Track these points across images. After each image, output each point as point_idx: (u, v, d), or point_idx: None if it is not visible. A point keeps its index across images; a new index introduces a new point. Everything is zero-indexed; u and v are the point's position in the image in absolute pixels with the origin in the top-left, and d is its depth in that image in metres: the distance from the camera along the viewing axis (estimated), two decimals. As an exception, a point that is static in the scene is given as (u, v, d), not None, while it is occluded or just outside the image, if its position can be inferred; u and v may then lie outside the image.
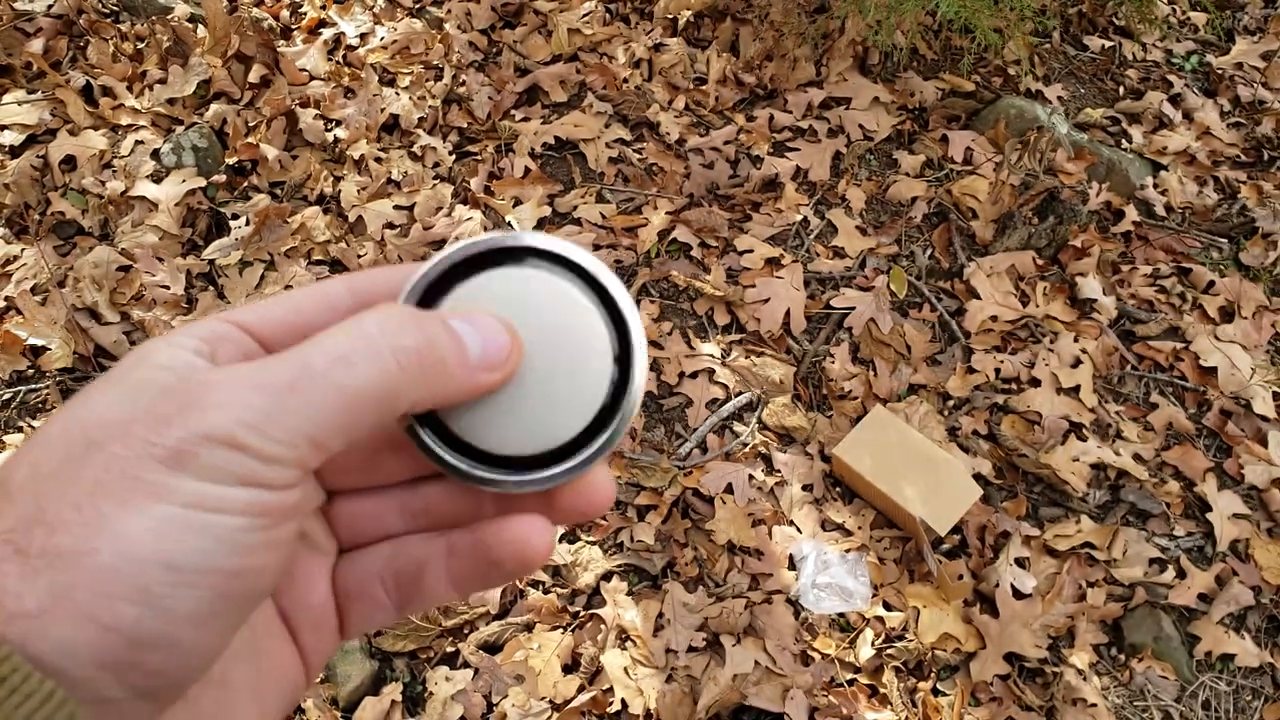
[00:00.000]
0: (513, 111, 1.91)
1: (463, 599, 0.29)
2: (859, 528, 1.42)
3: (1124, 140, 1.96)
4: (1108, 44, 2.14)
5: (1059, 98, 2.01)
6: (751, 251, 1.70)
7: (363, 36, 2.00)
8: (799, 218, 1.77)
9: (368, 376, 0.23)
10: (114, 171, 1.72)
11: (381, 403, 0.23)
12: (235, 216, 1.69)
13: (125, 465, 0.21)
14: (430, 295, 0.28)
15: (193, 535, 0.21)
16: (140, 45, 1.90)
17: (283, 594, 0.28)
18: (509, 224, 1.74)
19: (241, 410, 0.22)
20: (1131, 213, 1.82)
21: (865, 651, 1.31)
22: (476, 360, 0.26)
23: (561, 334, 0.28)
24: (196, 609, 0.21)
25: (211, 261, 1.65)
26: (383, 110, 1.85)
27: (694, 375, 1.56)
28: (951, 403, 1.56)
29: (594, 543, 1.39)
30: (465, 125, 1.88)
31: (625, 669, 1.27)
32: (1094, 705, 1.28)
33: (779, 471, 1.47)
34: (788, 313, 1.63)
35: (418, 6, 2.07)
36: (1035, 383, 1.57)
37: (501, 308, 0.27)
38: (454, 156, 1.83)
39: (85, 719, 0.20)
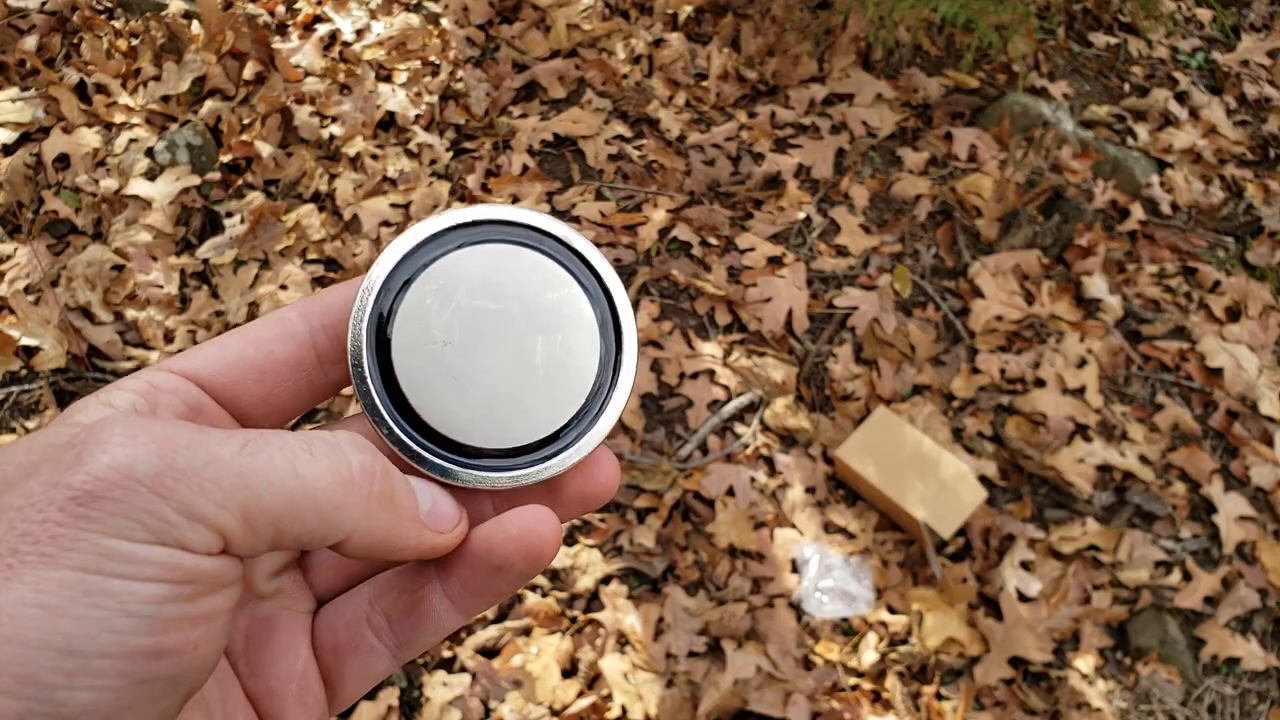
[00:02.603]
0: (510, 108, 1.89)
1: (467, 620, 0.26)
2: (862, 530, 1.40)
3: (1129, 138, 1.94)
4: (1113, 41, 2.12)
5: (1064, 95, 1.99)
6: (753, 250, 1.68)
7: (359, 32, 1.98)
8: (801, 215, 1.75)
9: (324, 472, 0.21)
10: (108, 170, 1.70)
11: (326, 510, 0.21)
12: (230, 215, 1.67)
13: (17, 518, 0.18)
14: (401, 274, 0.25)
15: (97, 609, 0.17)
16: (134, 42, 1.88)
17: (254, 674, 0.24)
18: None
19: (179, 453, 0.19)
20: (1137, 211, 1.80)
21: (868, 656, 1.29)
22: (424, 515, 0.24)
23: (545, 313, 0.25)
24: (101, 701, 0.17)
25: (206, 260, 1.63)
26: (379, 107, 1.83)
27: (694, 376, 1.55)
28: (956, 403, 1.55)
29: (593, 546, 1.37)
30: (462, 122, 1.86)
31: (625, 674, 1.25)
32: (1099, 709, 1.27)
33: (781, 473, 1.45)
34: (790, 312, 1.61)
35: (414, 2, 2.05)
36: (1040, 383, 1.56)
37: (476, 287, 0.25)
38: (451, 153, 1.81)
39: None
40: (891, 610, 1.34)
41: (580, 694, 1.24)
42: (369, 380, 0.25)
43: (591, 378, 0.26)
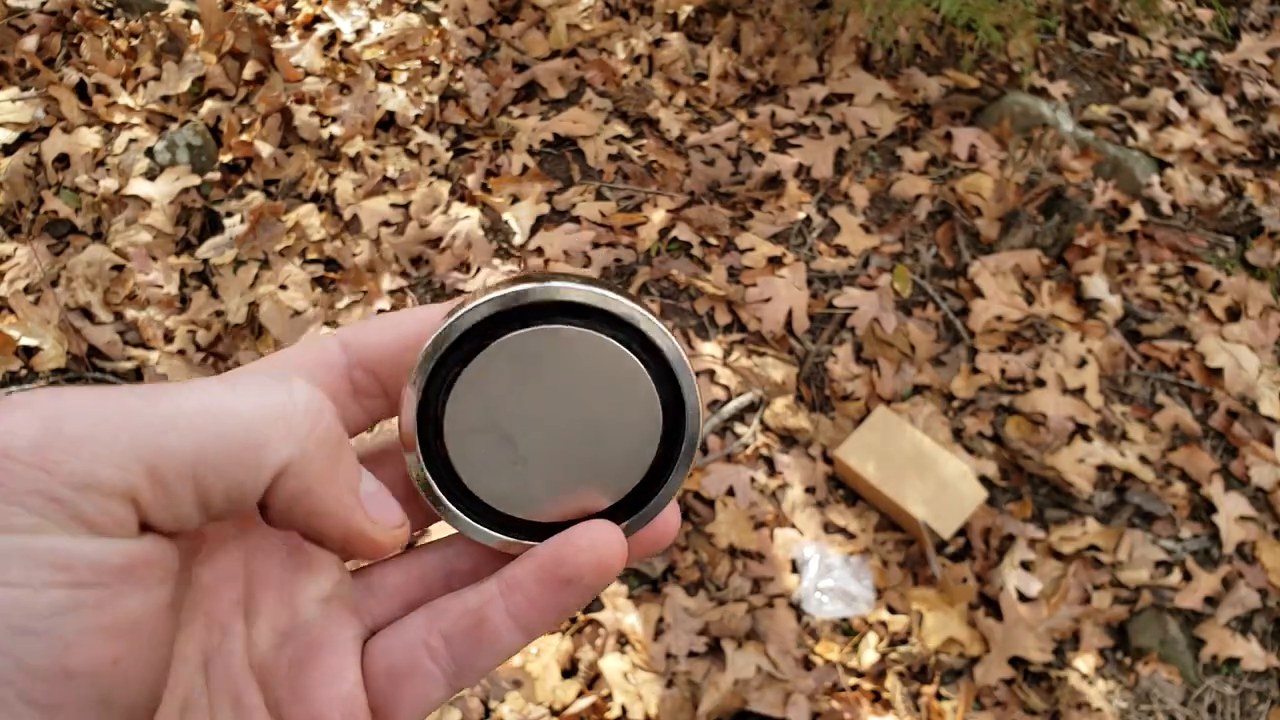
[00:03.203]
0: (510, 108, 1.89)
1: (528, 642, 0.25)
2: (862, 531, 1.41)
3: (1129, 137, 1.94)
4: (1113, 41, 2.12)
5: (1064, 95, 1.99)
6: (753, 250, 1.68)
7: (358, 32, 1.98)
8: (801, 215, 1.75)
9: (249, 406, 0.18)
10: (107, 169, 1.70)
11: (251, 444, 0.18)
12: (230, 215, 1.67)
13: None
14: (444, 368, 0.24)
15: None
16: (134, 42, 1.88)
17: (296, 699, 0.22)
18: (507, 223, 1.72)
19: (66, 419, 0.16)
20: (1137, 211, 1.80)
21: (868, 656, 1.29)
22: (363, 495, 0.22)
23: (601, 392, 0.25)
24: None
25: (206, 260, 1.63)
26: (378, 107, 1.83)
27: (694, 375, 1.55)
28: (956, 403, 1.55)
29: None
30: (462, 122, 1.86)
31: (625, 674, 1.25)
32: (1099, 709, 1.27)
33: (781, 473, 1.45)
34: (790, 312, 1.61)
35: (414, 2, 2.05)
36: (1040, 383, 1.56)
37: (529, 372, 0.25)
38: (451, 153, 1.82)
39: None
40: (891, 610, 1.34)
41: (580, 694, 1.25)
42: (420, 454, 0.25)
43: (653, 451, 0.26)
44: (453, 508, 0.25)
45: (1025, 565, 1.38)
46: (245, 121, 1.79)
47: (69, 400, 0.17)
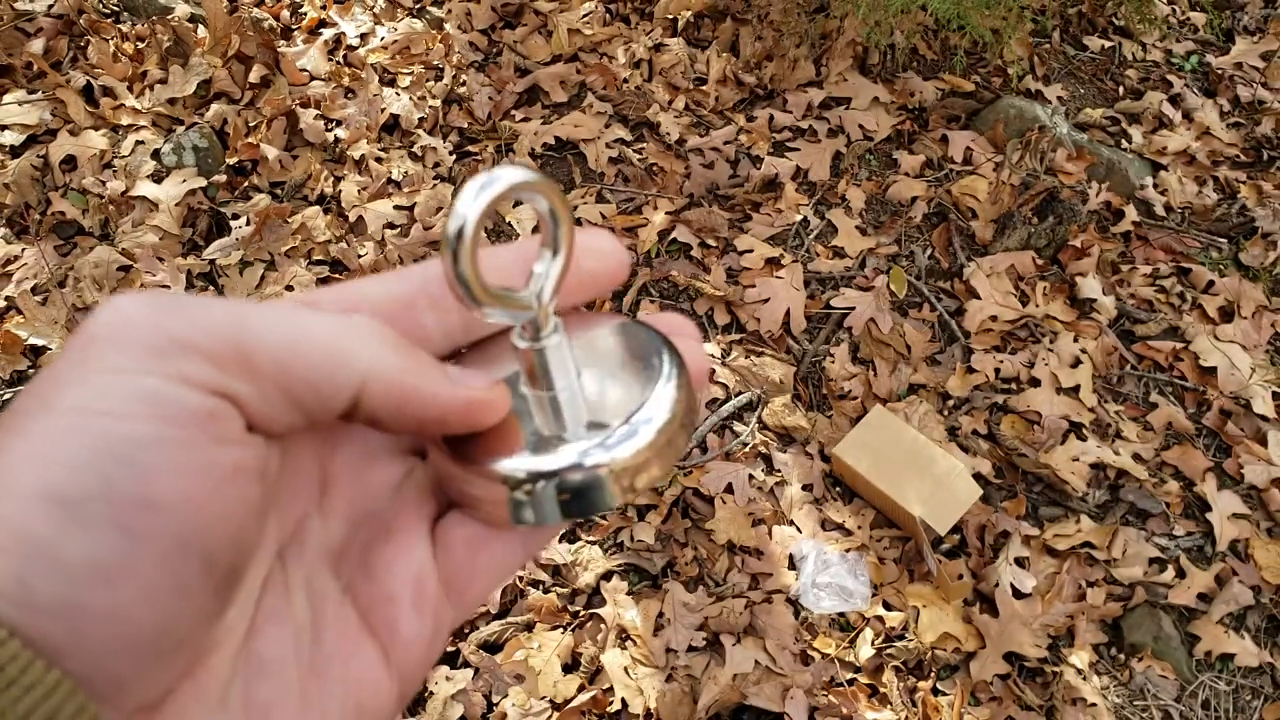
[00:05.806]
0: (513, 112, 1.91)
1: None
2: (859, 527, 1.42)
3: (1124, 140, 1.96)
4: (1107, 44, 2.14)
5: (1059, 98, 2.01)
6: (751, 251, 1.70)
7: (363, 37, 2.00)
8: (799, 218, 1.77)
9: (326, 320, 0.20)
10: (114, 171, 1.72)
11: (332, 346, 0.20)
12: (236, 216, 1.69)
13: (38, 382, 0.18)
14: None
15: (83, 451, 0.16)
16: (141, 45, 1.90)
17: (370, 578, 0.23)
18: (510, 226, 1.74)
19: (176, 298, 0.19)
20: (1131, 213, 1.82)
21: (865, 651, 1.31)
22: (454, 375, 0.22)
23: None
24: (99, 554, 0.16)
25: (212, 261, 1.65)
26: (383, 110, 1.85)
27: (694, 375, 1.56)
28: (951, 402, 1.56)
29: (594, 542, 1.39)
30: (465, 125, 1.89)
31: (625, 668, 1.27)
32: (1094, 705, 1.29)
33: (779, 471, 1.47)
34: (788, 313, 1.63)
35: (418, 6, 2.07)
36: (1035, 382, 1.58)
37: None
38: (454, 157, 1.84)
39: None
40: (888, 606, 1.35)
41: (581, 688, 1.26)
42: None
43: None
44: None
45: (1020, 562, 1.40)
46: (251, 124, 1.81)
47: (176, 293, 0.20)
